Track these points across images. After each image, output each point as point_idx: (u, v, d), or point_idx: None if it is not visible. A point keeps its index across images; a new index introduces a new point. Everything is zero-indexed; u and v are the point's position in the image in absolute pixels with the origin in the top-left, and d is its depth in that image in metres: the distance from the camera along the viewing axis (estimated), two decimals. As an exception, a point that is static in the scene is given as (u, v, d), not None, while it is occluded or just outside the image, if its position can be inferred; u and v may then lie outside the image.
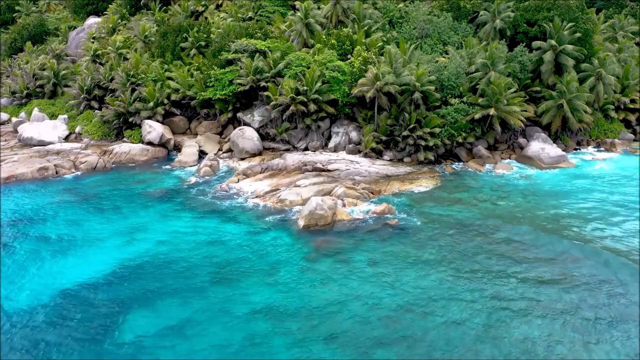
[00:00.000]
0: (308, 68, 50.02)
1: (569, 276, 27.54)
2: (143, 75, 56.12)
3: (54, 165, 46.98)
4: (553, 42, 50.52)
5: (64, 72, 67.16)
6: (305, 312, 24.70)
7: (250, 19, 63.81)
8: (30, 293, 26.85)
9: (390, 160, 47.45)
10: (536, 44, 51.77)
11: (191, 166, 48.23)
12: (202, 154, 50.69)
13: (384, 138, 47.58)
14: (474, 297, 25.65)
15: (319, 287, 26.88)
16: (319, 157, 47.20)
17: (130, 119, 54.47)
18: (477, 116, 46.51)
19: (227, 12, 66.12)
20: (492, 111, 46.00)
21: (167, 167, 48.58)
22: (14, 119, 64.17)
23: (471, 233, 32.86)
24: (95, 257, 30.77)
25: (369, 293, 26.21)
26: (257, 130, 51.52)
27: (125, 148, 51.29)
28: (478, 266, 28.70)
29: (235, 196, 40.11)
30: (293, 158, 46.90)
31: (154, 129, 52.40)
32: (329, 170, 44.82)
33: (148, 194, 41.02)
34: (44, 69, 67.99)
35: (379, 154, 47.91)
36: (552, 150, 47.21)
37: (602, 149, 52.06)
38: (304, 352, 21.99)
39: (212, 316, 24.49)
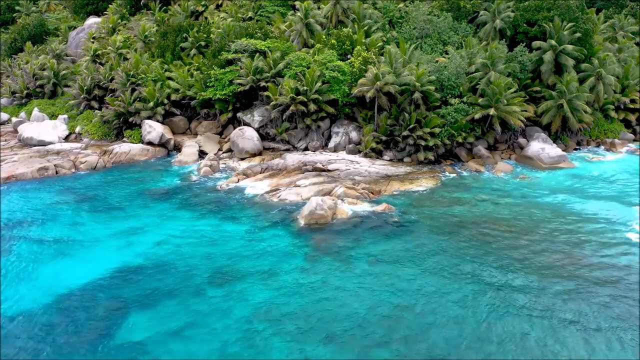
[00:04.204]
0: (308, 68, 50.02)
1: (567, 276, 27.55)
2: (143, 75, 56.13)
3: (54, 165, 46.98)
4: (553, 42, 50.52)
5: (64, 72, 67.17)
6: (304, 311, 24.69)
7: (250, 19, 63.82)
8: (30, 294, 26.81)
9: (390, 160, 47.45)
10: (536, 44, 51.77)
11: (191, 166, 48.23)
12: (202, 154, 50.71)
13: (384, 138, 47.56)
14: (474, 296, 25.65)
15: (318, 286, 26.88)
16: (319, 157, 47.20)
17: (130, 119, 54.47)
18: (477, 116, 46.51)
19: (227, 12, 66.13)
20: (492, 111, 46.00)
21: (167, 167, 48.53)
22: (14, 119, 64.13)
23: (471, 233, 32.87)
24: (95, 258, 30.75)
25: (368, 292, 26.22)
26: (257, 130, 51.51)
27: (125, 148, 51.28)
28: (478, 265, 28.70)
29: (234, 196, 40.10)
30: (293, 158, 46.91)
31: (154, 129, 52.42)
32: (329, 170, 44.82)
33: (148, 194, 41.01)
34: (44, 69, 67.98)
35: (379, 154, 47.90)
36: (552, 150, 47.19)
37: (602, 148, 52.05)
38: (303, 352, 21.99)
39: (211, 317, 24.49)
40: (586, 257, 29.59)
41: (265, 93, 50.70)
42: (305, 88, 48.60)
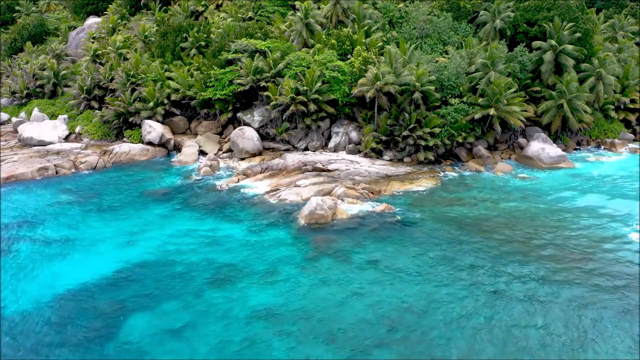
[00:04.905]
0: (308, 68, 50.02)
1: (569, 277, 27.53)
2: (143, 75, 56.12)
3: (54, 165, 46.96)
4: (553, 42, 50.52)
5: (64, 72, 67.14)
6: (305, 312, 24.67)
7: (250, 19, 63.81)
8: (30, 295, 26.78)
9: (390, 160, 47.44)
10: (536, 44, 51.77)
11: (191, 166, 48.22)
12: (202, 154, 50.74)
13: (384, 138, 47.56)
14: (474, 297, 25.63)
15: (318, 287, 26.87)
16: (319, 157, 47.20)
17: (130, 119, 54.46)
18: (477, 116, 46.51)
19: (227, 12, 66.11)
20: (492, 111, 46.00)
21: (167, 167, 48.51)
22: (14, 119, 64.12)
23: (471, 232, 32.86)
24: (95, 258, 30.73)
25: (368, 293, 26.20)
26: (257, 130, 51.51)
27: (125, 148, 51.27)
28: (478, 265, 28.68)
29: (235, 196, 40.10)
30: (293, 158, 46.91)
31: (154, 129, 52.41)
32: (329, 170, 44.82)
33: (148, 194, 41.00)
34: (44, 69, 67.95)
35: (379, 154, 47.90)
36: (552, 150, 47.19)
37: (602, 148, 52.06)
38: (303, 353, 21.97)
39: (211, 317, 24.47)
40: (589, 258, 29.50)
41: (265, 93, 50.69)
42: (305, 88, 48.60)
